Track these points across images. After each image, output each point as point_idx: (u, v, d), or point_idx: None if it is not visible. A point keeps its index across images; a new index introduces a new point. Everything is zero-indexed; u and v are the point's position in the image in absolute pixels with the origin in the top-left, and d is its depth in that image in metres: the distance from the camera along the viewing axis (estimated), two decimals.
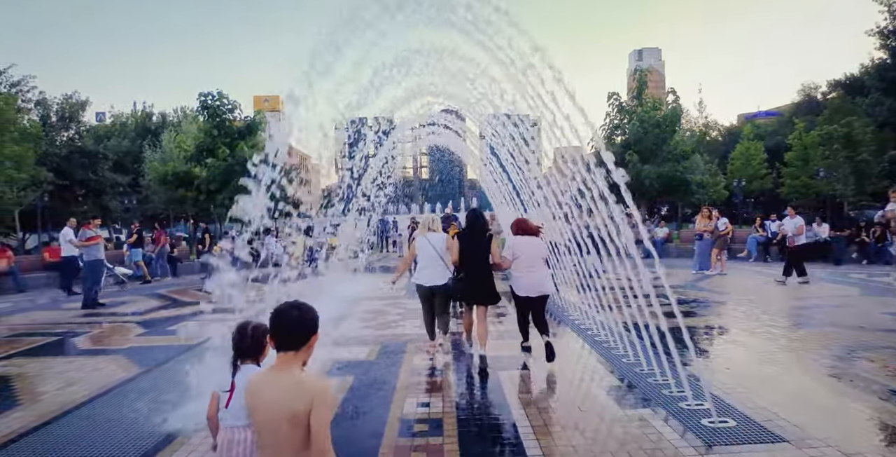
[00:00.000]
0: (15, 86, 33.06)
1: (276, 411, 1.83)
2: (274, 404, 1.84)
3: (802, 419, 3.84)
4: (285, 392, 1.84)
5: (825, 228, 15.83)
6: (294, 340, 1.92)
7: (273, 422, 1.83)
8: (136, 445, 3.79)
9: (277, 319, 1.93)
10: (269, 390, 1.87)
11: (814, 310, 8.24)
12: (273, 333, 1.94)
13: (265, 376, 1.95)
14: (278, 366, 1.92)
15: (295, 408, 1.80)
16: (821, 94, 48.93)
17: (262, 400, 1.88)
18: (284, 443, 1.83)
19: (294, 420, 1.80)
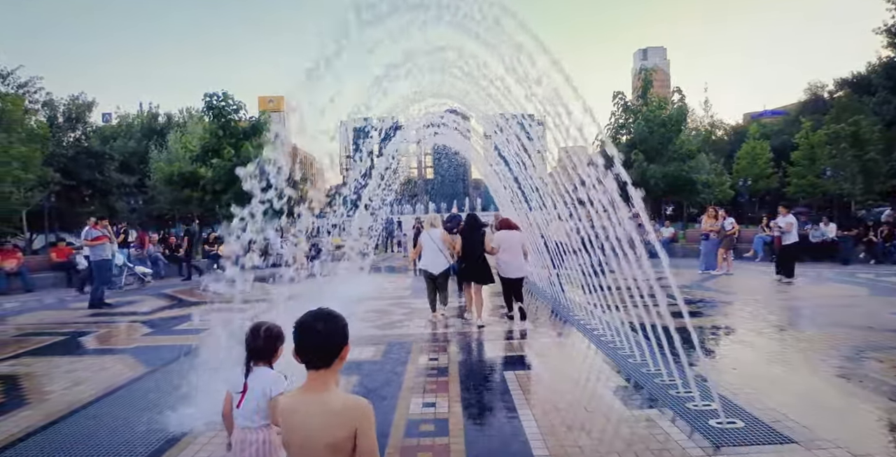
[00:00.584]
0: (22, 87, 33.29)
1: (314, 438, 1.68)
2: (311, 430, 1.69)
3: (811, 420, 3.81)
4: (324, 418, 1.69)
5: (832, 228, 15.72)
6: (323, 356, 1.74)
7: (310, 449, 1.69)
8: (144, 444, 3.80)
9: (301, 335, 1.74)
10: (305, 415, 1.71)
11: (822, 310, 8.18)
12: (298, 351, 1.75)
13: (299, 399, 1.77)
14: (311, 386, 1.75)
15: (335, 435, 1.66)
16: (827, 92, 48.62)
17: (297, 425, 1.72)
18: None
19: (334, 448, 1.66)
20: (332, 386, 1.75)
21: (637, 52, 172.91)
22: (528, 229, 10.94)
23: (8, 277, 13.81)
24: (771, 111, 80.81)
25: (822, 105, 45.06)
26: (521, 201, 10.92)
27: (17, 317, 9.86)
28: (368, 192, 13.17)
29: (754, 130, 46.07)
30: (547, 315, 8.56)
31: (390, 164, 14.33)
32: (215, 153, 27.48)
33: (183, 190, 30.36)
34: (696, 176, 33.82)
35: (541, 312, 8.82)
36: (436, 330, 7.47)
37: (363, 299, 10.30)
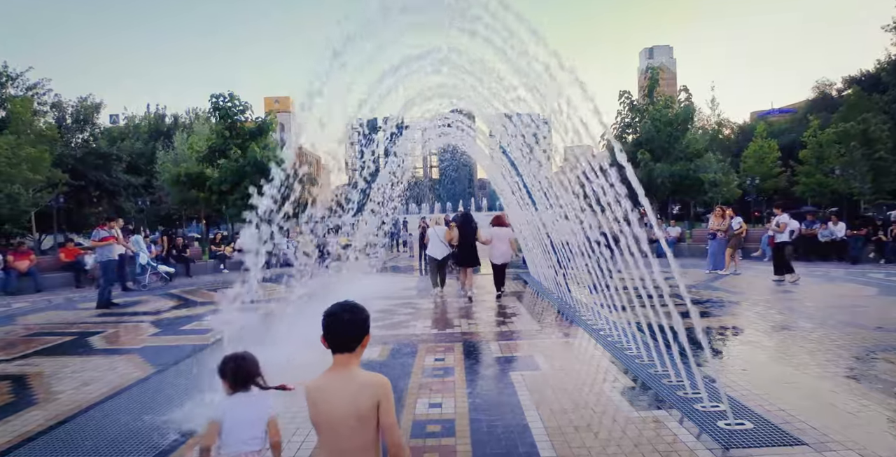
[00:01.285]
0: (31, 89, 33.60)
1: (342, 412, 1.86)
2: (339, 405, 1.87)
3: (821, 422, 3.78)
4: (350, 392, 1.88)
5: (841, 227, 15.59)
6: (348, 342, 1.96)
7: (338, 423, 1.86)
8: (152, 444, 3.81)
9: (330, 323, 1.96)
10: (334, 393, 1.89)
11: (831, 310, 8.11)
12: (327, 337, 1.96)
13: (327, 379, 1.96)
14: (337, 368, 1.96)
15: (361, 407, 1.85)
16: (836, 90, 48.28)
17: (326, 403, 1.89)
18: (347, 443, 1.86)
19: (361, 420, 1.85)
20: (355, 366, 1.97)
21: (643, 51, 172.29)
22: (534, 229, 10.92)
23: (19, 277, 13.94)
24: (778, 110, 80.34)
25: (830, 103, 44.73)
26: (526, 201, 10.90)
27: (27, 317, 9.93)
28: (375, 193, 13.19)
29: (761, 128, 45.72)
30: (553, 315, 8.53)
31: (396, 164, 14.34)
32: (222, 154, 27.61)
33: (190, 190, 30.55)
34: (702, 175, 33.63)
35: (547, 313, 8.80)
36: (441, 330, 7.47)
37: (369, 299, 10.30)
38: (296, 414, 4.21)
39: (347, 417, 1.86)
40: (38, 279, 14.10)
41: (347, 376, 1.93)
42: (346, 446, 1.86)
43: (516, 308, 9.18)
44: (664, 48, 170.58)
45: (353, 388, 1.89)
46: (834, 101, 44.43)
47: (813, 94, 52.41)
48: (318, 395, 1.93)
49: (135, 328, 8.44)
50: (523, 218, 12.00)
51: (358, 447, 1.86)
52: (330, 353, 2.02)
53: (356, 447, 1.86)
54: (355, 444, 1.86)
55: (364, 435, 1.87)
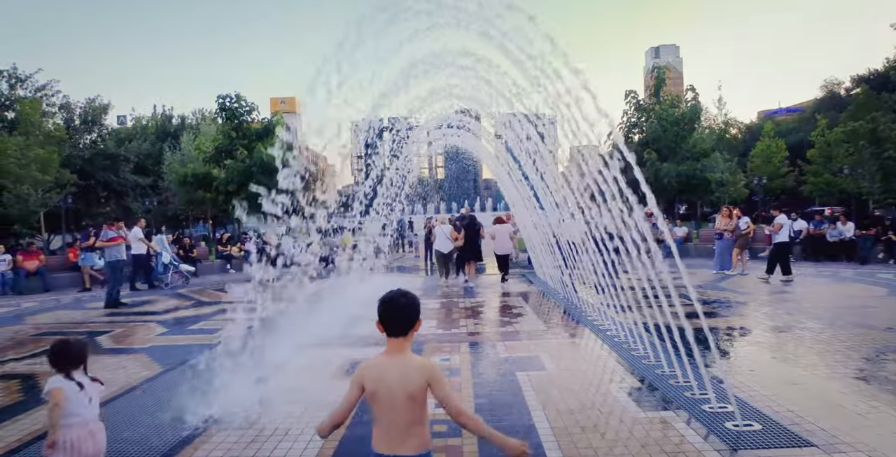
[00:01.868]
0: (40, 90, 33.85)
1: (396, 390, 2.07)
2: (394, 385, 2.08)
3: (830, 423, 3.75)
4: (404, 374, 2.09)
5: (850, 227, 15.47)
6: (403, 326, 2.16)
7: (393, 401, 2.07)
8: (160, 443, 3.83)
9: (387, 308, 2.16)
10: (390, 373, 2.11)
11: (840, 310, 8.04)
12: (383, 321, 2.16)
13: (383, 361, 2.16)
14: (392, 351, 2.17)
15: (413, 386, 2.07)
16: (844, 89, 47.91)
17: (383, 382, 2.10)
18: (401, 417, 2.08)
19: (412, 397, 2.07)
20: (408, 350, 2.18)
21: (649, 50, 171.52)
22: (540, 229, 10.91)
23: (28, 276, 14.07)
24: (786, 109, 79.78)
25: (838, 102, 44.40)
26: (531, 201, 10.88)
27: (36, 316, 10.02)
28: (381, 193, 13.22)
29: (769, 127, 45.45)
30: (559, 316, 8.52)
31: (402, 165, 14.37)
32: (228, 154, 27.76)
33: (196, 191, 30.70)
34: (709, 175, 33.49)
35: (553, 313, 8.78)
36: (447, 330, 7.46)
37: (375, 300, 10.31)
38: (301, 415, 4.24)
39: (401, 395, 2.07)
40: (47, 279, 14.23)
41: (401, 358, 2.14)
42: (400, 420, 2.08)
43: (522, 308, 9.17)
44: (670, 47, 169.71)
45: (406, 370, 2.10)
46: (842, 101, 44.07)
47: (821, 93, 52.02)
48: (374, 374, 2.13)
49: (142, 328, 8.49)
50: (529, 218, 11.99)
51: (410, 422, 2.09)
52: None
53: (408, 422, 2.09)
54: (407, 419, 2.09)
55: (415, 411, 2.10)
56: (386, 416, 2.11)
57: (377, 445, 2.12)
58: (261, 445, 3.74)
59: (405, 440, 2.08)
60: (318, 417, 4.17)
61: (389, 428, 2.10)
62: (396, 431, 2.09)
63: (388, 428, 2.11)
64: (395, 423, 2.09)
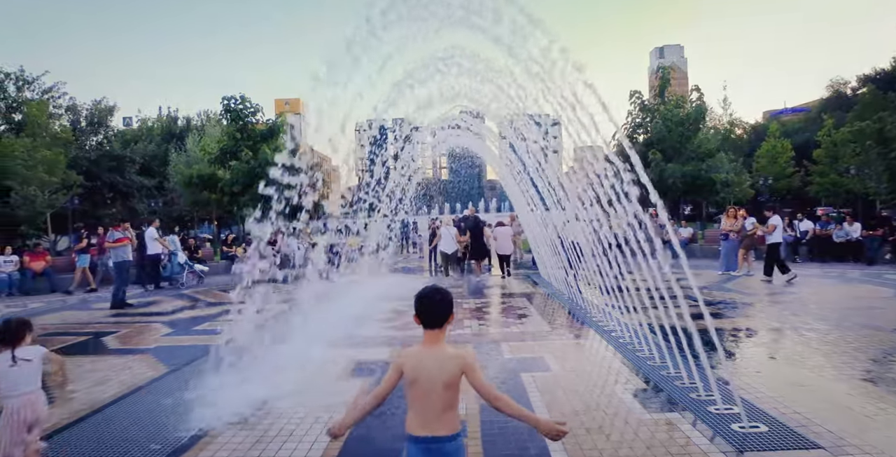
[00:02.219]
0: (47, 92, 34.07)
1: (434, 378, 2.24)
2: (432, 373, 2.25)
3: (837, 425, 3.72)
4: (440, 363, 2.27)
5: (857, 227, 15.38)
6: (439, 319, 2.34)
7: (431, 387, 2.24)
8: (165, 443, 3.84)
9: (423, 303, 2.37)
10: (428, 362, 2.28)
11: (846, 311, 7.99)
12: (419, 315, 2.36)
13: (421, 351, 2.34)
14: (429, 342, 2.35)
15: (448, 376, 2.24)
16: (850, 89, 47.60)
17: (422, 370, 2.27)
18: (437, 403, 2.24)
19: (448, 385, 2.24)
20: (443, 341, 2.35)
21: (654, 51, 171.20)
22: (544, 230, 10.90)
23: (34, 277, 14.15)
24: (791, 109, 79.36)
25: (844, 102, 44.11)
26: (536, 202, 10.87)
27: (42, 317, 10.07)
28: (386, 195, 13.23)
29: (774, 128, 45.17)
30: (564, 317, 8.50)
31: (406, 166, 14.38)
32: (233, 156, 27.83)
33: (202, 192, 30.78)
34: (714, 175, 33.31)
35: (557, 314, 8.76)
36: (452, 331, 7.46)
37: (380, 300, 10.32)
38: (305, 415, 4.25)
39: (437, 383, 2.23)
40: (54, 280, 14.30)
41: (437, 349, 2.32)
42: (436, 405, 2.24)
43: (527, 309, 9.16)
44: (675, 47, 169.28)
45: (442, 360, 2.28)
46: (848, 100, 43.77)
47: (827, 92, 51.66)
48: (413, 363, 2.30)
49: (148, 328, 8.52)
50: (533, 218, 11.98)
51: (444, 407, 2.25)
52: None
53: (443, 407, 2.25)
54: (443, 404, 2.25)
55: (449, 398, 2.26)
56: (422, 401, 2.27)
57: (411, 427, 2.28)
58: (266, 445, 3.75)
59: (440, 423, 2.24)
60: (323, 418, 4.19)
61: (425, 412, 2.26)
62: (433, 414, 2.25)
63: (424, 412, 2.26)
64: (431, 408, 2.25)
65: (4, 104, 33.02)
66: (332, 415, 4.25)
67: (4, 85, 32.93)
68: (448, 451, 2.25)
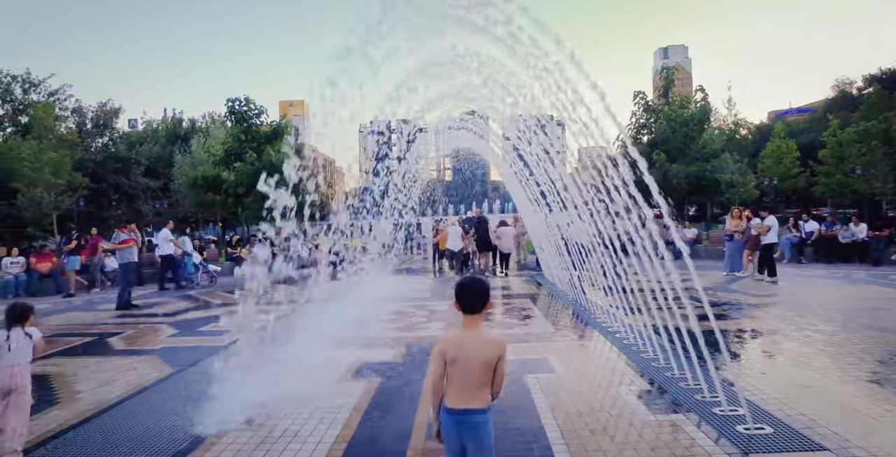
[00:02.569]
0: (53, 95, 34.28)
1: (473, 358, 2.48)
2: (471, 353, 2.49)
3: (843, 427, 3.71)
4: (479, 345, 2.51)
5: (863, 228, 15.29)
6: (478, 305, 2.55)
7: (470, 365, 2.49)
8: (171, 443, 3.86)
9: (464, 291, 2.57)
10: (469, 344, 2.52)
11: (852, 312, 7.95)
12: (459, 301, 2.56)
13: (461, 334, 2.57)
14: (468, 325, 2.56)
15: (487, 356, 2.50)
16: (856, 89, 47.40)
17: (463, 351, 2.50)
18: (474, 380, 2.49)
19: (486, 364, 2.50)
20: (481, 326, 2.58)
21: (658, 51, 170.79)
22: (548, 231, 10.89)
23: (41, 279, 14.23)
24: (797, 109, 79.07)
25: (850, 102, 43.91)
26: (540, 203, 10.86)
27: (48, 318, 10.12)
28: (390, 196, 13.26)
29: (779, 128, 45.01)
30: (568, 318, 8.49)
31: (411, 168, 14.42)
32: (238, 157, 27.95)
33: (206, 193, 30.91)
34: (719, 176, 33.25)
35: (561, 315, 8.76)
36: None
37: (385, 301, 10.34)
38: (310, 416, 4.26)
39: (476, 362, 2.48)
40: (60, 281, 14.37)
41: (476, 332, 2.55)
42: (472, 381, 2.49)
43: (531, 310, 9.15)
44: (679, 48, 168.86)
45: (482, 343, 2.52)
46: (854, 100, 43.59)
47: (832, 92, 51.48)
48: (454, 345, 2.53)
49: (153, 329, 8.56)
50: (537, 220, 11.97)
51: (480, 383, 2.51)
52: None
53: (479, 383, 2.50)
54: (479, 381, 2.50)
55: (485, 376, 2.51)
56: (460, 378, 2.50)
57: (449, 401, 2.52)
58: (270, 446, 3.76)
59: (474, 397, 2.50)
60: (327, 418, 4.21)
61: (463, 388, 2.50)
62: (469, 390, 2.50)
63: (462, 388, 2.50)
64: (468, 384, 2.50)
65: (11, 107, 33.29)
66: (336, 415, 4.26)
67: (11, 88, 33.19)
68: (478, 422, 2.50)
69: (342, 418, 4.23)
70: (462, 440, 2.52)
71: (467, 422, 2.50)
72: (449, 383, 2.54)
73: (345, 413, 4.32)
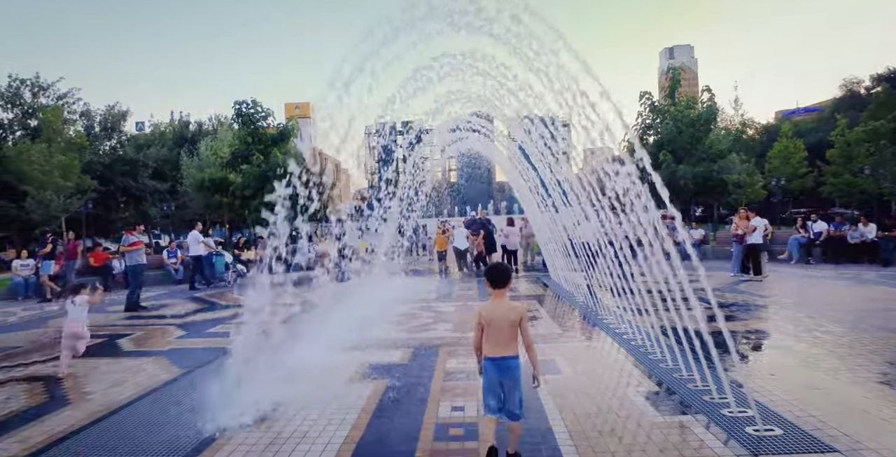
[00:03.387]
0: (62, 98, 34.58)
1: (502, 319, 3.42)
2: (502, 316, 3.42)
3: (854, 428, 3.69)
4: (507, 311, 3.44)
5: (872, 228, 15.16)
6: (502, 282, 3.51)
7: (501, 325, 3.41)
8: (181, 444, 3.89)
9: (492, 273, 3.57)
10: (498, 310, 3.45)
11: (861, 313, 7.89)
12: (490, 280, 3.52)
13: (493, 303, 3.50)
14: (497, 297, 3.50)
15: (514, 318, 3.42)
16: (864, 88, 47.06)
17: (495, 315, 3.43)
18: (504, 335, 3.42)
19: (511, 324, 3.42)
20: (506, 297, 3.53)
21: (663, 51, 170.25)
22: (554, 231, 10.88)
23: (51, 281, 14.33)
24: (804, 109, 78.57)
25: (858, 101, 43.60)
26: (546, 204, 10.85)
27: (59, 319, 10.20)
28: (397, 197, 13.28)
29: (786, 128, 44.73)
30: (575, 319, 8.47)
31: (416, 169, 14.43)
32: (245, 159, 28.07)
33: (213, 195, 31.06)
34: (726, 176, 33.06)
35: (568, 316, 8.74)
36: (463, 333, 7.46)
37: (391, 303, 10.36)
38: (319, 417, 4.27)
39: (505, 323, 3.41)
40: (66, 283, 14.47)
41: (503, 301, 3.49)
42: (504, 337, 3.42)
43: (537, 311, 9.14)
44: (685, 48, 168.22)
45: (508, 309, 3.45)
46: (862, 100, 43.29)
47: (840, 92, 51.12)
48: (489, 311, 3.46)
49: (161, 331, 8.62)
50: (543, 220, 11.96)
51: (510, 338, 3.43)
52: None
53: (508, 338, 3.42)
54: (507, 337, 3.42)
55: (513, 332, 3.43)
56: (495, 335, 3.43)
57: (490, 352, 3.42)
58: (279, 447, 3.78)
59: (508, 347, 3.41)
60: (336, 418, 4.23)
61: (498, 342, 3.42)
62: (503, 343, 3.42)
63: (496, 341, 3.42)
64: (502, 339, 3.42)
65: (20, 110, 33.61)
66: (344, 416, 4.28)
67: (20, 91, 33.52)
68: (511, 365, 3.39)
69: (351, 418, 4.24)
70: (500, 379, 3.38)
71: (505, 365, 3.38)
72: (487, 340, 3.45)
73: (353, 414, 4.34)
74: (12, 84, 33.10)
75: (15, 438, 4.16)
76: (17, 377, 6.06)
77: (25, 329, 9.43)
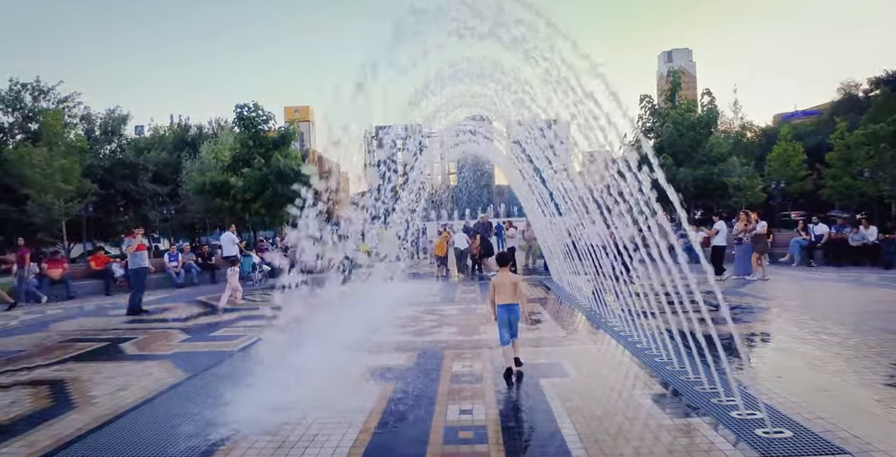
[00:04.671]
0: (62, 102, 34.63)
1: (507, 283, 5.43)
2: (506, 280, 5.45)
3: (863, 430, 3.68)
4: (509, 279, 5.46)
5: (873, 231, 15.18)
6: (506, 262, 5.77)
7: (506, 285, 5.41)
8: (189, 448, 3.87)
9: (499, 257, 5.96)
10: (503, 278, 5.48)
11: (865, 315, 7.90)
12: (498, 261, 5.83)
13: (500, 275, 5.54)
14: (502, 271, 5.62)
15: (514, 281, 5.46)
16: (862, 91, 47.19)
17: (501, 281, 5.44)
18: (508, 292, 5.39)
19: (512, 284, 5.42)
20: (508, 270, 5.67)
21: (661, 55, 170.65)
22: (557, 234, 10.88)
23: (52, 284, 14.33)
24: (802, 112, 78.78)
25: (856, 104, 43.73)
26: (548, 205, 10.85)
27: (61, 323, 10.20)
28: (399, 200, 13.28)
29: (785, 131, 44.81)
30: (579, 322, 8.47)
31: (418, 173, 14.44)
32: (245, 163, 28.09)
33: (214, 199, 31.08)
34: (726, 179, 33.13)
35: (572, 319, 8.74)
36: (468, 336, 7.46)
37: (393, 307, 10.36)
38: (327, 420, 4.27)
39: (508, 285, 5.42)
40: (71, 287, 14.48)
41: (506, 273, 5.57)
42: (508, 293, 5.38)
43: (541, 314, 9.13)
44: (683, 51, 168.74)
45: (509, 277, 5.49)
46: (860, 103, 43.40)
47: (838, 95, 51.26)
48: (498, 279, 5.48)
49: (165, 335, 8.60)
50: (545, 223, 11.96)
51: (512, 293, 5.38)
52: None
53: (511, 293, 5.38)
54: (511, 292, 5.39)
55: (513, 290, 5.40)
56: (503, 292, 5.41)
57: (501, 301, 5.42)
58: (288, 451, 3.77)
59: (511, 299, 5.39)
60: (344, 421, 4.22)
61: (505, 296, 5.39)
62: (508, 296, 5.39)
63: (504, 296, 5.39)
64: (507, 293, 5.39)
65: (21, 114, 33.65)
66: (353, 420, 4.27)
67: (21, 95, 33.57)
68: (514, 309, 5.43)
69: (359, 422, 4.23)
70: (509, 317, 5.39)
71: (511, 309, 5.41)
72: (497, 295, 5.43)
73: (361, 417, 4.33)
74: (13, 88, 33.18)
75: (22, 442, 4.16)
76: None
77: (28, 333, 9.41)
